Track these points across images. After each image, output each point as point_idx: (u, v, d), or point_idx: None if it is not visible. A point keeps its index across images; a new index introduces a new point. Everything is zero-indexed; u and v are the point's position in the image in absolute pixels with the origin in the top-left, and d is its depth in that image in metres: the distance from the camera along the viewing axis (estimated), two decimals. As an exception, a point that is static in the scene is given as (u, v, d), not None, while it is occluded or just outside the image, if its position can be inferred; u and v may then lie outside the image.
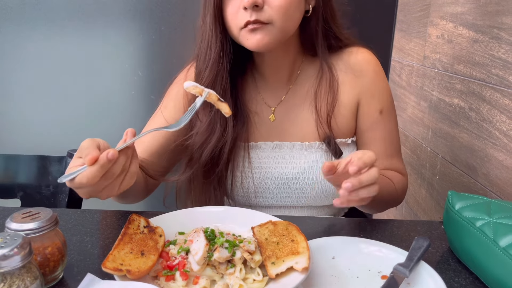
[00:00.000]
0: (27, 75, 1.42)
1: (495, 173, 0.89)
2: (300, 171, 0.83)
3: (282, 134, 0.85)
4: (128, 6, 1.39)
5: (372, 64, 0.85)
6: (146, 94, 1.47)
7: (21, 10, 1.36)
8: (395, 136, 0.89)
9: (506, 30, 0.86)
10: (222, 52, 0.78)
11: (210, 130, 0.80)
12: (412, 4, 1.33)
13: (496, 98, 0.89)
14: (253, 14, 0.72)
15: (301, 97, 0.85)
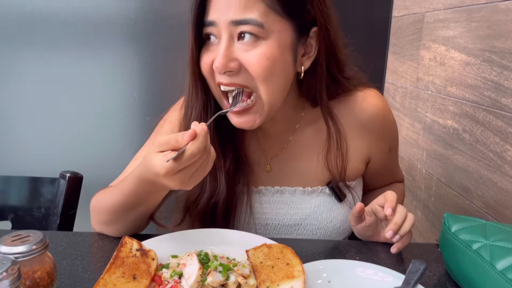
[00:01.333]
0: (21, 95, 1.42)
1: (490, 194, 0.89)
2: (302, 217, 0.80)
3: (282, 180, 0.81)
4: (125, 29, 1.40)
5: (381, 110, 0.81)
6: (141, 116, 1.47)
7: (17, 32, 1.37)
8: (397, 158, 0.92)
9: (497, 53, 0.87)
10: (204, 111, 0.73)
11: (199, 188, 0.75)
12: (404, 28, 1.35)
13: (489, 120, 0.89)
14: (228, 78, 0.67)
15: (302, 147, 0.81)
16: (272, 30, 0.65)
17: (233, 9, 0.64)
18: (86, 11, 1.38)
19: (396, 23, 1.43)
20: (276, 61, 0.66)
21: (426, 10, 1.20)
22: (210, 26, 0.67)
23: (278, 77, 0.68)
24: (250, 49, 0.65)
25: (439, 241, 0.66)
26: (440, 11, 1.12)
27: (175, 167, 0.56)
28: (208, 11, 0.67)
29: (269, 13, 0.64)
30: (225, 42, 0.65)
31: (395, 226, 0.67)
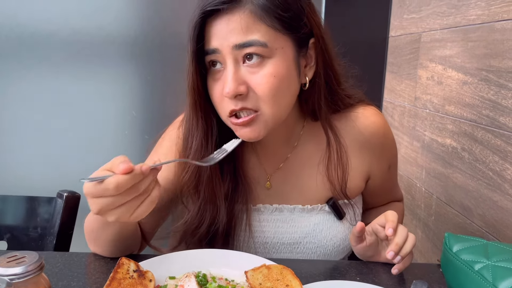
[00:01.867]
0: (20, 114, 1.42)
1: (490, 214, 0.89)
2: (302, 235, 0.79)
3: (282, 197, 0.81)
4: (125, 48, 1.42)
5: (382, 127, 0.82)
6: (140, 134, 1.47)
7: (18, 51, 1.38)
8: (396, 176, 0.92)
9: (494, 72, 0.88)
10: (205, 139, 0.72)
11: (199, 219, 0.74)
12: (402, 47, 1.37)
13: (488, 139, 0.89)
14: (238, 103, 0.66)
15: (303, 162, 0.81)
16: (275, 48, 0.66)
17: (235, 34, 0.65)
18: (86, 31, 1.39)
19: (393, 42, 1.45)
20: (283, 78, 0.67)
21: (422, 30, 1.21)
22: (214, 53, 0.67)
23: (285, 93, 0.69)
24: (257, 70, 0.66)
25: (441, 261, 0.65)
26: (436, 31, 1.13)
27: (93, 191, 0.54)
28: (209, 39, 0.67)
29: (270, 32, 0.66)
30: (231, 67, 0.66)
31: (396, 247, 0.66)
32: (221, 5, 0.64)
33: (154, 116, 1.45)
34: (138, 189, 0.55)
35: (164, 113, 0.87)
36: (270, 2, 0.65)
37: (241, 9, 0.65)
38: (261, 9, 0.65)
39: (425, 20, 1.20)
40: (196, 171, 0.73)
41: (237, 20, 0.64)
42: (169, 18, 1.41)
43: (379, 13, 1.47)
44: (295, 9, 0.67)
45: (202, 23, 0.66)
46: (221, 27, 0.65)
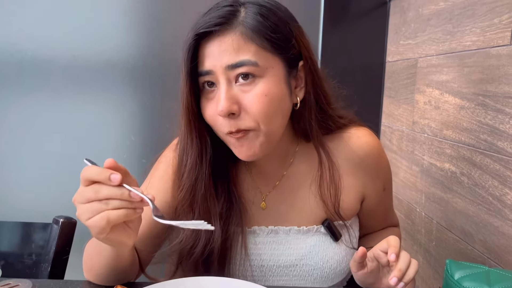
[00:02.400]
0: (17, 138, 1.42)
1: (492, 239, 0.88)
2: (298, 257, 0.79)
3: (277, 219, 0.81)
4: (124, 73, 1.43)
5: (375, 148, 0.83)
6: (138, 158, 1.47)
7: (17, 77, 1.39)
8: (392, 199, 0.92)
9: (491, 97, 0.88)
10: (199, 158, 0.73)
11: (194, 238, 0.74)
12: (398, 72, 1.38)
13: (487, 163, 0.89)
14: (232, 124, 0.68)
15: (296, 183, 0.81)
16: (266, 67, 0.68)
17: (227, 55, 0.67)
18: (86, 57, 1.41)
19: (390, 67, 1.46)
20: (274, 97, 0.69)
21: (419, 56, 1.23)
22: (207, 75, 0.69)
23: (277, 111, 0.70)
24: (249, 89, 0.68)
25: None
26: (432, 56, 1.14)
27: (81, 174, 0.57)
28: (203, 60, 0.69)
29: (261, 52, 0.68)
30: (224, 86, 0.68)
31: (399, 273, 0.65)
32: (214, 27, 0.67)
33: (152, 141, 1.45)
34: (97, 192, 0.56)
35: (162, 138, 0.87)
36: (260, 24, 0.68)
37: (233, 31, 0.68)
38: (251, 31, 0.68)
39: (421, 46, 1.22)
40: (191, 190, 0.74)
41: (229, 41, 0.67)
42: (168, 44, 1.43)
43: (376, 38, 1.49)
44: (284, 31, 0.70)
45: (195, 45, 0.69)
46: (214, 48, 0.68)
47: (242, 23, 0.68)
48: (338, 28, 1.47)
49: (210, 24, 0.67)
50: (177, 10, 1.42)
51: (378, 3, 1.47)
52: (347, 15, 1.47)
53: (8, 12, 1.37)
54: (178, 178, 0.75)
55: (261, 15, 0.68)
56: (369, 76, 1.51)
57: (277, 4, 0.72)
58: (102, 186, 0.56)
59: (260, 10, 0.69)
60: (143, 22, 1.41)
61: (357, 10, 1.47)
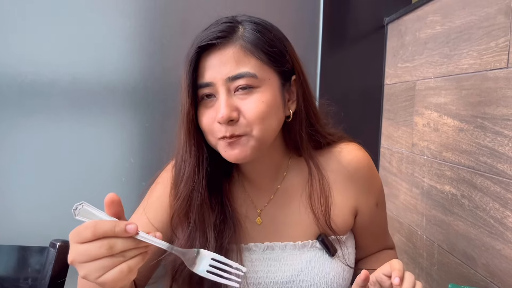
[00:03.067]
0: (16, 161, 1.42)
1: (494, 263, 0.86)
2: (295, 273, 0.79)
3: (272, 234, 0.81)
4: (124, 96, 1.44)
5: (365, 162, 0.84)
6: (137, 181, 1.46)
7: (18, 100, 1.40)
8: (386, 218, 0.93)
9: (489, 120, 0.88)
10: (197, 166, 0.74)
11: (189, 247, 0.73)
12: (397, 95, 1.39)
13: (487, 186, 0.89)
14: (228, 129, 0.70)
15: (290, 197, 0.83)
16: (263, 79, 0.72)
17: (227, 67, 0.71)
18: (87, 79, 1.42)
19: (388, 90, 1.47)
20: (270, 104, 0.72)
21: (417, 78, 1.24)
22: (208, 87, 0.72)
23: (272, 118, 0.73)
24: (247, 97, 0.71)
25: (445, 314, 0.63)
26: (430, 79, 1.15)
27: (73, 234, 0.53)
28: (203, 73, 0.72)
29: (258, 64, 0.72)
30: (224, 95, 0.71)
31: None
32: (216, 40, 0.71)
33: (151, 164, 1.45)
34: (112, 247, 0.52)
35: (161, 160, 0.87)
36: (258, 38, 0.72)
37: (233, 44, 0.71)
38: (250, 44, 0.72)
39: (418, 69, 1.23)
40: (187, 198, 0.75)
41: (229, 54, 0.71)
42: (169, 68, 1.44)
43: (374, 61, 1.51)
44: (279, 46, 0.75)
45: (197, 58, 0.72)
46: (214, 61, 0.71)
47: (241, 37, 0.72)
48: (337, 52, 1.49)
49: (212, 37, 0.71)
50: (178, 35, 1.44)
51: (375, 26, 1.50)
52: (345, 39, 1.49)
53: (9, 36, 1.38)
54: (175, 187, 0.77)
55: (258, 31, 0.73)
56: (368, 98, 1.52)
57: (270, 23, 0.77)
58: (117, 240, 0.52)
59: (257, 27, 0.74)
60: (144, 46, 1.43)
61: (355, 34, 1.49)
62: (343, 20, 1.49)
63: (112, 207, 0.56)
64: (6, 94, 1.39)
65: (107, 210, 0.56)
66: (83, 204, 0.54)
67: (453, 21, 1.04)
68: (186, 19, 1.44)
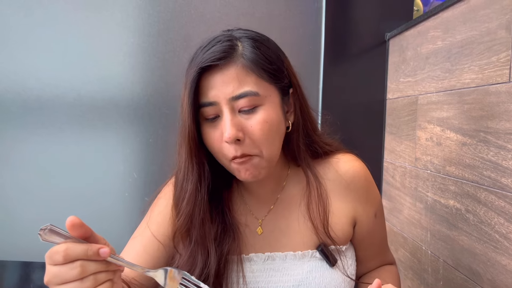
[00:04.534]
0: (21, 177, 1.42)
1: (500, 278, 0.85)
2: (295, 283, 0.79)
3: (273, 245, 0.82)
4: (127, 111, 1.45)
5: (362, 172, 0.85)
6: (140, 196, 1.46)
7: (23, 115, 1.41)
8: (385, 231, 0.92)
9: (492, 134, 0.88)
10: (199, 183, 0.75)
11: (191, 262, 0.76)
12: (399, 109, 1.39)
13: (492, 200, 0.88)
14: (238, 149, 0.71)
15: (289, 207, 0.84)
16: (265, 96, 0.73)
17: (230, 86, 0.71)
18: (91, 95, 1.43)
19: (391, 104, 1.48)
20: (273, 122, 0.73)
21: (419, 93, 1.24)
22: (210, 105, 0.72)
23: (276, 135, 0.75)
24: (251, 116, 0.72)
25: (452, 331, 0.62)
26: (432, 94, 1.16)
27: (47, 255, 0.53)
28: (206, 91, 0.72)
29: (259, 82, 0.73)
30: (228, 115, 0.71)
31: None
32: (218, 61, 0.71)
33: (154, 179, 1.45)
34: (84, 270, 0.52)
35: (165, 175, 0.88)
36: (258, 56, 0.73)
37: (235, 63, 0.72)
38: (251, 62, 0.72)
39: (420, 84, 1.24)
40: (189, 215, 0.75)
41: (232, 74, 0.71)
42: (172, 83, 1.46)
43: (376, 76, 1.52)
44: (278, 63, 0.76)
45: (198, 78, 0.72)
46: (217, 80, 0.71)
47: (242, 55, 0.72)
48: (339, 67, 1.50)
49: (215, 58, 0.71)
50: (181, 50, 1.46)
51: (377, 42, 1.51)
52: (347, 54, 1.50)
53: (14, 52, 1.40)
54: (177, 205, 0.77)
55: (257, 47, 0.73)
56: (370, 113, 1.52)
57: (266, 37, 0.78)
58: (89, 263, 0.53)
59: (255, 43, 0.74)
60: (147, 61, 1.45)
61: (357, 49, 1.51)
62: (345, 35, 1.50)
63: (75, 230, 0.55)
64: (11, 110, 1.41)
65: (72, 234, 0.55)
66: (50, 226, 0.54)
67: (454, 36, 1.05)
68: (188, 35, 1.45)
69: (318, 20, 1.49)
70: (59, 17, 1.41)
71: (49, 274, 0.53)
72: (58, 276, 0.52)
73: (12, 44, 1.40)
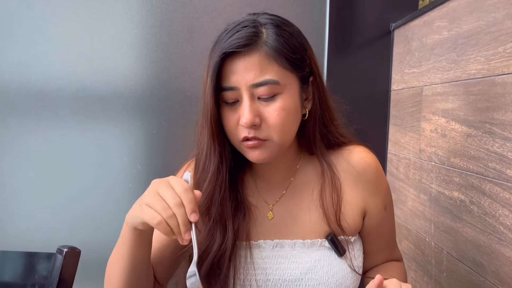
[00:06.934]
0: (24, 168, 1.43)
1: (504, 270, 0.85)
2: (303, 271, 0.80)
3: (282, 231, 0.83)
4: (131, 103, 1.44)
5: (373, 164, 0.86)
6: (144, 187, 1.45)
7: (26, 107, 1.41)
8: (394, 226, 0.93)
9: (498, 125, 0.88)
10: (221, 164, 0.77)
11: (210, 238, 0.78)
12: (404, 101, 1.38)
13: (496, 192, 0.88)
14: (251, 131, 0.73)
15: (301, 195, 0.84)
16: (285, 84, 0.74)
17: (252, 74, 0.72)
18: (95, 86, 1.43)
19: (395, 96, 1.47)
20: (290, 110, 0.75)
21: (424, 84, 1.23)
22: (231, 90, 0.74)
23: (292, 123, 0.77)
24: (270, 103, 0.74)
25: (455, 323, 0.62)
26: (437, 85, 1.15)
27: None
28: (227, 76, 0.74)
29: (281, 71, 0.74)
30: (247, 101, 0.73)
31: None
32: (242, 48, 0.72)
33: (158, 170, 1.45)
34: (177, 209, 0.64)
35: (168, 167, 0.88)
36: (281, 45, 0.73)
37: (258, 51, 0.73)
38: (274, 51, 0.73)
39: (425, 75, 1.23)
40: (211, 194, 0.78)
41: (254, 61, 0.72)
42: (176, 75, 1.45)
43: (381, 67, 1.51)
44: (301, 52, 0.77)
45: (221, 62, 0.73)
46: (239, 66, 0.73)
47: (265, 43, 0.73)
48: (343, 58, 1.49)
49: (239, 44, 0.72)
50: (185, 42, 1.45)
51: (381, 32, 1.49)
52: (352, 45, 1.49)
53: (17, 43, 1.40)
54: (198, 184, 0.79)
55: (281, 35, 0.74)
56: (374, 104, 1.51)
57: (291, 24, 0.78)
58: (181, 208, 0.63)
59: (279, 31, 0.74)
60: (151, 53, 1.44)
61: (361, 40, 1.49)
62: (349, 26, 1.49)
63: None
64: (14, 101, 1.41)
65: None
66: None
67: (460, 27, 1.04)
68: (192, 26, 1.45)
69: (322, 10, 1.48)
70: (62, 8, 1.41)
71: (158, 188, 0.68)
72: (157, 193, 0.69)
73: (15, 35, 1.40)
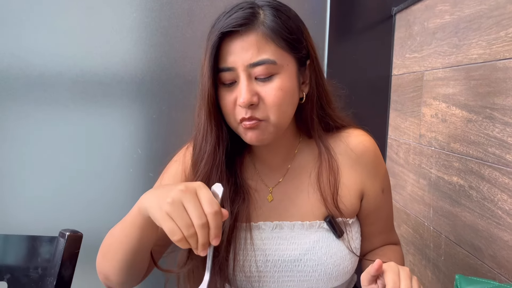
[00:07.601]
0: (24, 153, 1.43)
1: (502, 254, 0.86)
2: (302, 252, 0.81)
3: (281, 213, 0.84)
4: (131, 87, 1.44)
5: (371, 147, 0.87)
6: (145, 172, 1.47)
7: (26, 92, 1.41)
8: (392, 210, 0.94)
9: (498, 110, 0.88)
10: (217, 145, 0.78)
11: None
12: (405, 86, 1.38)
13: (495, 177, 0.88)
14: (248, 112, 0.74)
15: (300, 177, 0.85)
16: (282, 65, 0.75)
17: (249, 53, 0.73)
18: (94, 71, 1.42)
19: (396, 81, 1.46)
20: (288, 91, 0.76)
21: (425, 69, 1.23)
22: (229, 71, 0.74)
23: (289, 104, 0.77)
24: (267, 83, 0.74)
25: (452, 305, 0.63)
26: (438, 69, 1.14)
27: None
28: (225, 56, 0.74)
29: (278, 51, 0.75)
30: (245, 80, 0.74)
31: None
32: (239, 27, 0.73)
33: (159, 155, 1.46)
34: (202, 228, 0.62)
35: (169, 151, 0.88)
36: (278, 25, 0.74)
37: (255, 31, 0.73)
38: (271, 31, 0.74)
39: (427, 59, 1.22)
40: (208, 175, 0.78)
41: (251, 41, 0.73)
42: (176, 59, 1.44)
43: (382, 52, 1.50)
44: (297, 33, 0.77)
45: (219, 43, 0.74)
46: (236, 46, 0.73)
47: (262, 23, 0.74)
48: (344, 42, 1.48)
49: (236, 24, 0.73)
50: (185, 26, 1.44)
51: (383, 16, 1.48)
52: (353, 29, 1.48)
53: (17, 28, 1.39)
54: (195, 165, 0.80)
55: (278, 16, 0.75)
56: (375, 89, 1.51)
57: (288, 7, 0.79)
58: (205, 230, 0.62)
59: (276, 13, 0.75)
60: (151, 37, 1.43)
61: (363, 24, 1.48)
62: (350, 10, 1.47)
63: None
64: (14, 86, 1.40)
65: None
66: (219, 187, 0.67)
67: (462, 11, 1.03)
68: (192, 10, 1.43)
69: (323, -6, 1.46)
70: (60, -9, 1.39)
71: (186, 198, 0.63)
72: (184, 206, 0.63)
73: (14, 20, 1.39)
